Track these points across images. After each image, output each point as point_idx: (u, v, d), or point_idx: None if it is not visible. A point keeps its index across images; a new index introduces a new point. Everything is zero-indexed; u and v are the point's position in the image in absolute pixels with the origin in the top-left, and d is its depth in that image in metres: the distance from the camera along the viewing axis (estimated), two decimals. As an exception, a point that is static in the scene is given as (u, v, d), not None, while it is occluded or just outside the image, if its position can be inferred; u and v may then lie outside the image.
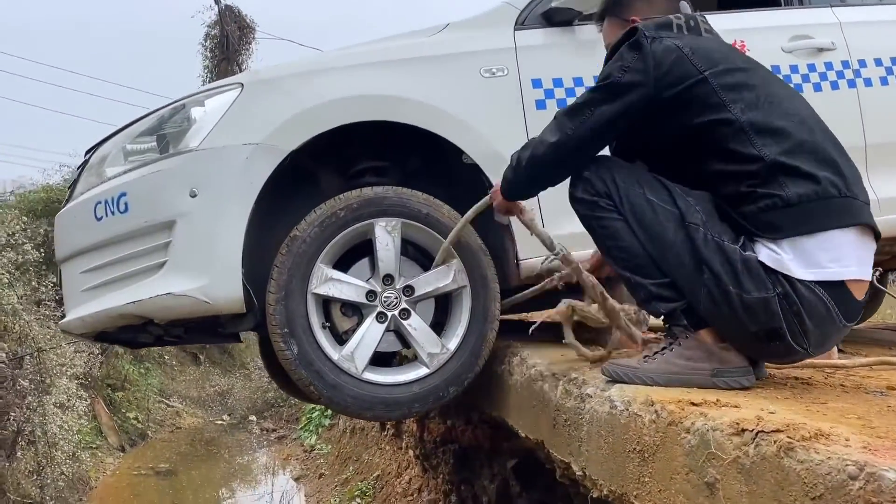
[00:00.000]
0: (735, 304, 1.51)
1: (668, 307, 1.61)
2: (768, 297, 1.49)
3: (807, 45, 2.62)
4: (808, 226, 1.51)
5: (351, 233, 2.22)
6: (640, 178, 1.67)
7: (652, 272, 1.62)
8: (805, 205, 1.51)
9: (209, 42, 16.08)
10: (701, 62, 1.61)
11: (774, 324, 1.50)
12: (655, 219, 1.60)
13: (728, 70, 1.63)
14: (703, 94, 1.60)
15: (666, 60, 1.61)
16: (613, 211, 1.65)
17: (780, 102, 1.64)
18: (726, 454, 1.18)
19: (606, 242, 1.69)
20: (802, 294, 1.49)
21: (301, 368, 2.14)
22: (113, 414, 8.55)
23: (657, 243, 1.60)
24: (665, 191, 1.64)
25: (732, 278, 1.51)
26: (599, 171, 1.69)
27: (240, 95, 2.21)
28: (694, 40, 1.69)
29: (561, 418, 1.86)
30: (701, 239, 1.55)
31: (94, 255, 2.23)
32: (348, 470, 6.32)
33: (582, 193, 1.71)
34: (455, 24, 2.53)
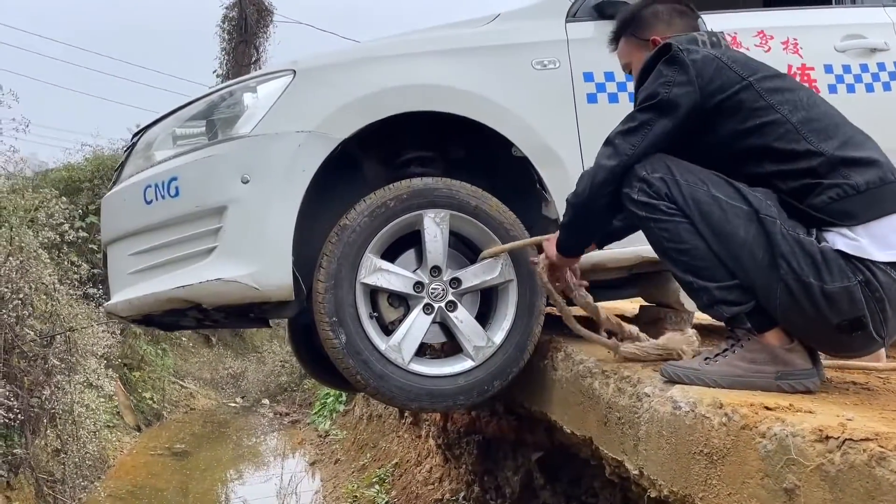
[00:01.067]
0: (817, 296, 1.49)
1: (732, 311, 1.58)
2: (850, 286, 1.48)
3: (860, 45, 2.60)
4: (877, 210, 1.52)
5: (400, 223, 2.21)
6: (701, 175, 1.63)
7: (718, 274, 1.58)
8: (873, 190, 1.53)
9: (227, 24, 16.06)
10: (741, 69, 1.65)
11: (858, 312, 1.49)
12: (724, 217, 1.56)
13: (767, 76, 1.66)
14: (750, 98, 1.63)
15: (707, 69, 1.65)
16: (676, 213, 1.60)
17: (817, 104, 1.67)
18: (809, 461, 1.17)
19: (666, 245, 1.63)
20: (882, 280, 1.49)
21: (349, 358, 2.14)
22: (129, 394, 8.61)
23: (727, 242, 1.56)
24: (730, 187, 1.60)
25: (813, 270, 1.49)
26: (657, 169, 1.64)
27: (292, 82, 2.20)
28: (725, 51, 1.73)
29: (613, 416, 1.85)
30: (777, 233, 1.52)
31: (142, 238, 2.24)
32: (365, 456, 6.33)
33: (640, 195, 1.65)
34: (506, 14, 2.51)
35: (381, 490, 5.24)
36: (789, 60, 2.51)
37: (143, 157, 2.37)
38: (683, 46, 1.69)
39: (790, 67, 2.50)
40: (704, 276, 1.60)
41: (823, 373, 1.71)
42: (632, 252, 2.31)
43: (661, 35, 1.85)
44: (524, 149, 2.29)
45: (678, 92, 1.65)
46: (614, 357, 2.02)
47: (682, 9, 1.91)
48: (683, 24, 1.87)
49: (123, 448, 7.51)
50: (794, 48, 2.54)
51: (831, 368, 1.97)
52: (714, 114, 1.65)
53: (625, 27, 1.96)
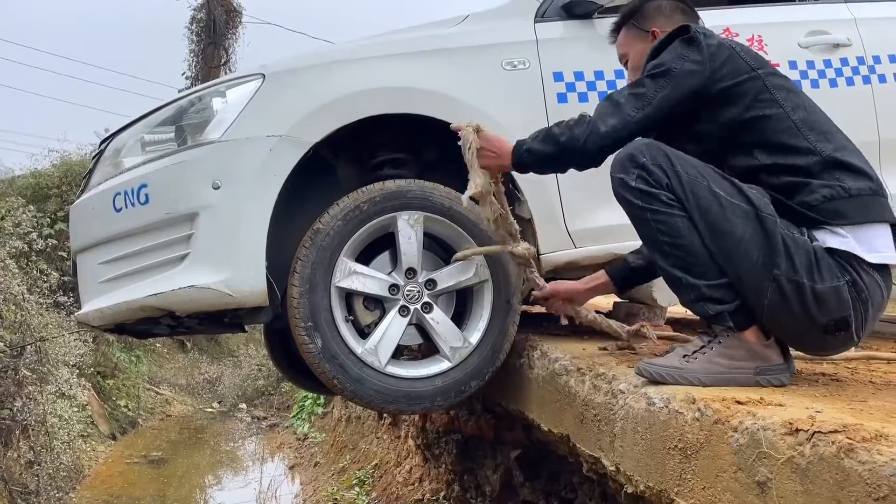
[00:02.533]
0: (807, 296, 1.51)
1: (717, 308, 1.59)
2: (839, 286, 1.52)
3: (823, 41, 2.65)
4: (865, 216, 1.57)
5: (374, 226, 2.21)
6: (700, 168, 1.60)
7: (709, 272, 1.58)
8: (864, 197, 1.58)
9: (195, 26, 15.89)
10: (752, 60, 1.69)
11: (845, 312, 1.52)
12: (723, 214, 1.55)
13: (774, 72, 1.70)
14: (755, 89, 1.65)
15: (720, 55, 1.67)
16: (675, 206, 1.57)
17: (816, 110, 1.71)
18: (780, 454, 1.19)
19: (660, 238, 1.60)
20: (866, 281, 1.53)
21: (325, 362, 2.13)
22: (103, 401, 8.49)
23: (723, 239, 1.56)
24: (728, 183, 1.60)
25: (807, 269, 1.52)
26: (657, 157, 1.60)
27: (262, 86, 2.19)
28: (734, 41, 1.75)
29: (590, 413, 1.87)
30: (777, 232, 1.54)
31: (113, 246, 2.21)
32: (344, 458, 6.32)
33: (638, 183, 1.59)
34: (475, 15, 2.51)
35: (361, 492, 5.23)
36: (755, 57, 2.55)
37: (111, 164, 2.34)
38: (702, 30, 1.73)
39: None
40: (696, 273, 1.59)
41: (794, 366, 1.74)
42: (605, 249, 2.34)
43: (660, 28, 1.88)
44: (496, 149, 2.29)
45: (690, 68, 1.67)
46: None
47: (684, 7, 1.95)
48: (684, 20, 1.89)
49: (98, 457, 7.40)
50: (759, 45, 2.57)
51: (801, 360, 2.01)
52: (718, 99, 1.67)
53: (627, 17, 1.99)
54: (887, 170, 2.61)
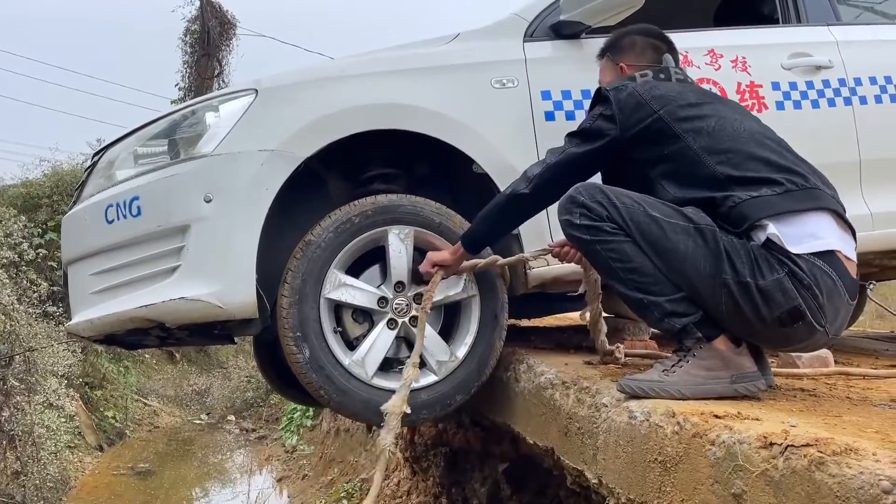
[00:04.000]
0: (755, 295, 1.58)
1: (683, 321, 1.65)
2: (780, 278, 1.58)
3: (805, 63, 2.70)
4: (775, 209, 1.63)
5: (364, 239, 2.24)
6: (635, 197, 1.71)
7: (665, 289, 1.65)
8: (766, 197, 1.65)
9: (189, 37, 15.94)
10: (655, 103, 1.82)
11: (792, 302, 1.57)
12: (664, 234, 1.64)
13: (680, 106, 1.82)
14: (661, 128, 1.79)
15: (628, 105, 1.84)
16: (620, 233, 1.67)
17: (728, 126, 1.80)
18: (754, 466, 1.22)
19: (614, 265, 1.69)
20: (805, 269, 1.58)
21: (312, 372, 2.16)
22: (91, 412, 8.45)
23: (670, 258, 1.64)
24: (664, 205, 1.70)
25: (749, 269, 1.59)
26: (594, 195, 1.72)
27: (254, 101, 2.22)
28: (653, 85, 1.90)
29: (573, 426, 1.89)
30: (718, 239, 1.62)
31: (104, 257, 2.22)
32: (333, 471, 6.31)
33: (581, 220, 1.71)
34: (465, 34, 2.56)
35: (348, 505, 5.23)
36: (738, 78, 2.61)
37: (104, 176, 2.36)
38: (613, 87, 1.90)
39: (739, 85, 2.60)
40: (653, 291, 1.66)
41: (771, 375, 1.78)
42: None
43: (629, 62, 2.08)
44: (485, 165, 2.33)
45: (600, 124, 1.88)
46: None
47: (658, 44, 2.10)
48: (652, 57, 2.07)
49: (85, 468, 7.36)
50: (743, 66, 2.63)
51: (781, 376, 2.05)
52: (635, 142, 1.83)
53: (606, 49, 2.18)
54: (868, 190, 2.68)
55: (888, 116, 2.73)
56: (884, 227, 2.65)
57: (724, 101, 1.97)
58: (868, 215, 2.64)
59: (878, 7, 3.38)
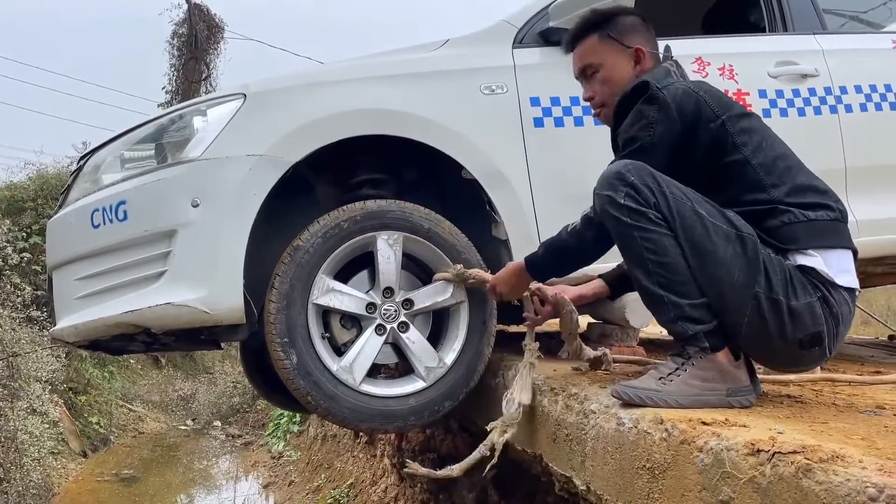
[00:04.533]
0: (783, 313, 1.56)
1: (696, 328, 1.61)
2: (813, 301, 1.57)
3: (792, 71, 2.72)
4: (824, 240, 1.63)
5: (353, 244, 2.23)
6: (684, 190, 1.64)
7: (690, 291, 1.60)
8: (820, 223, 1.65)
9: (176, 40, 15.86)
10: (717, 106, 1.72)
11: (818, 328, 1.58)
12: (706, 234, 1.59)
13: (738, 115, 1.75)
14: (721, 136, 1.71)
15: (687, 103, 1.71)
16: (663, 224, 1.59)
17: (777, 145, 1.77)
18: (742, 474, 1.23)
19: (646, 256, 1.60)
20: (836, 298, 1.59)
21: (299, 378, 2.14)
22: (75, 418, 8.36)
23: (705, 260, 1.59)
24: (710, 205, 1.64)
25: (783, 287, 1.57)
26: (644, 178, 1.62)
27: (243, 105, 2.22)
28: (701, 83, 1.81)
29: (562, 433, 1.89)
30: (758, 251, 1.59)
31: (89, 262, 2.21)
32: (320, 477, 6.28)
33: (626, 200, 1.61)
34: (454, 40, 2.56)
35: (335, 511, 5.20)
36: (725, 86, 2.62)
37: (90, 180, 2.34)
38: (661, 84, 1.74)
39: (726, 92, 2.58)
40: (678, 291, 1.61)
41: (760, 387, 1.79)
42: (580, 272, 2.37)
43: (645, 47, 1.90)
44: (474, 171, 2.34)
45: (661, 130, 1.71)
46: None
47: (650, 27, 1.97)
48: (654, 43, 1.94)
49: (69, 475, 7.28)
50: (731, 74, 2.65)
51: (768, 382, 2.06)
52: (691, 144, 1.72)
53: (598, 25, 1.95)
54: (853, 196, 2.70)
55: (873, 124, 2.77)
56: (868, 235, 2.67)
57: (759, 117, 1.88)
58: (854, 222, 2.65)
59: (864, 16, 3.42)
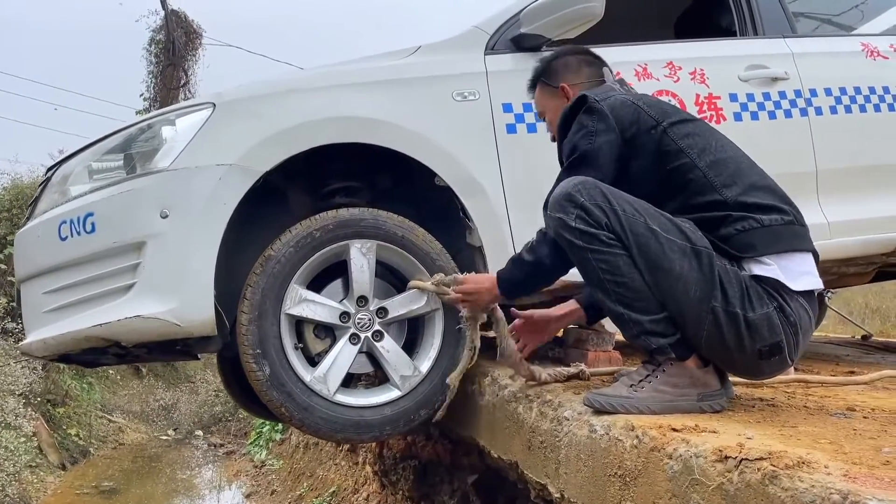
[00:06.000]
0: (741, 325, 1.57)
1: (660, 342, 1.61)
2: (770, 312, 1.57)
3: (762, 75, 2.74)
4: (780, 245, 1.63)
5: (326, 253, 2.22)
6: (636, 205, 1.63)
7: (650, 307, 1.61)
8: (776, 227, 1.64)
9: (154, 47, 15.74)
10: (656, 114, 1.75)
11: (777, 338, 1.58)
12: (661, 251, 1.58)
13: (679, 121, 1.76)
14: (664, 142, 1.73)
15: (624, 113, 1.75)
16: (616, 244, 1.59)
17: (725, 148, 1.77)
18: (710, 480, 1.23)
19: (603, 276, 1.61)
20: (793, 306, 1.59)
21: (272, 390, 2.13)
22: (53, 430, 8.24)
23: (661, 276, 1.58)
24: (664, 218, 1.63)
25: (739, 299, 1.57)
26: (595, 197, 1.62)
27: (212, 115, 2.20)
28: (640, 95, 1.84)
29: (536, 440, 1.89)
30: (714, 265, 1.59)
31: (57, 275, 2.17)
32: (302, 486, 6.23)
33: (577, 223, 1.61)
34: (426, 46, 2.56)
35: (318, 520, 5.16)
36: (697, 90, 2.64)
37: (58, 191, 2.31)
38: (600, 97, 1.78)
39: (698, 96, 2.63)
40: (637, 308, 1.61)
41: (731, 388, 1.79)
42: None
43: (569, 82, 2.00)
44: (447, 178, 2.33)
45: (601, 141, 1.74)
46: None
47: (591, 59, 2.05)
48: (590, 72, 2.02)
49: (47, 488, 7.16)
50: (702, 78, 2.66)
51: (740, 385, 2.07)
52: (633, 152, 1.75)
53: (538, 76, 2.09)
54: (824, 199, 2.73)
55: (843, 127, 2.79)
56: (840, 236, 2.69)
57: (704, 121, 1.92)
58: (825, 224, 2.69)
59: (836, 19, 3.46)
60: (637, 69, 2.60)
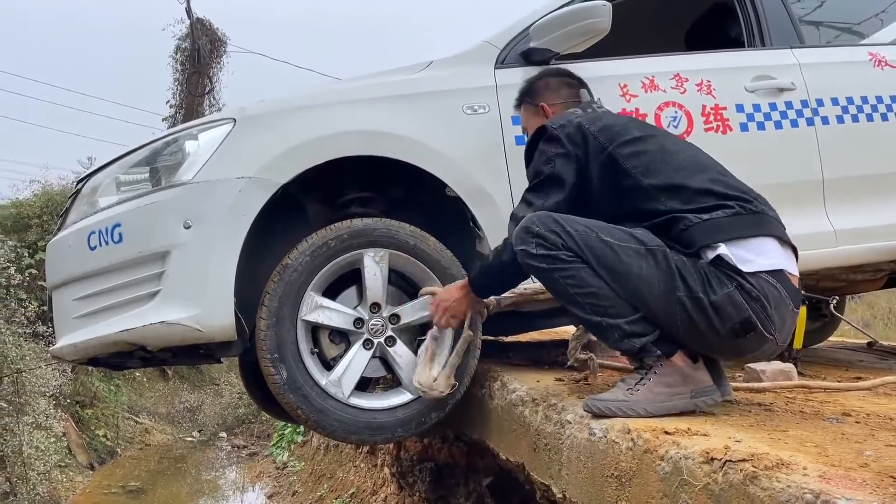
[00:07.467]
0: (707, 309, 1.66)
1: (642, 341, 1.71)
2: (730, 292, 1.66)
3: (768, 85, 2.78)
4: (727, 234, 1.71)
5: (341, 262, 2.31)
6: (587, 224, 1.77)
7: (623, 311, 1.71)
8: (717, 220, 1.73)
9: (179, 55, 16.03)
10: (603, 136, 1.90)
11: (744, 314, 1.66)
12: (617, 257, 1.71)
13: (626, 142, 1.89)
14: (611, 166, 1.87)
15: (577, 137, 1.91)
16: (576, 260, 1.72)
17: (672, 159, 1.88)
18: (697, 481, 1.29)
19: (573, 291, 1.73)
20: (753, 282, 1.67)
21: (289, 393, 2.22)
22: (82, 431, 8.45)
23: (625, 280, 1.70)
24: (615, 229, 1.76)
25: (701, 285, 1.66)
26: (548, 224, 1.76)
27: (232, 130, 2.29)
28: (594, 119, 1.97)
29: (541, 442, 1.96)
30: (669, 257, 1.69)
31: (87, 283, 2.28)
32: (322, 487, 6.34)
33: (538, 249, 1.75)
34: (438, 61, 2.64)
35: (337, 521, 5.26)
36: (703, 101, 2.69)
37: (87, 203, 2.42)
38: (556, 125, 1.95)
39: (704, 107, 2.68)
40: (612, 314, 1.72)
41: (728, 387, 1.85)
42: None
43: (548, 101, 2.19)
44: (457, 189, 2.41)
45: (560, 164, 1.91)
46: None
47: (570, 81, 2.23)
48: (569, 93, 2.20)
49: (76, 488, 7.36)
50: (708, 89, 2.71)
51: (743, 390, 2.12)
52: (588, 176, 1.91)
53: (522, 96, 2.29)
54: (831, 207, 2.76)
55: (850, 136, 2.82)
56: (847, 244, 2.73)
57: (663, 132, 2.06)
58: (832, 232, 2.73)
59: (856, 28, 3.48)
60: (644, 81, 2.66)
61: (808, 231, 2.63)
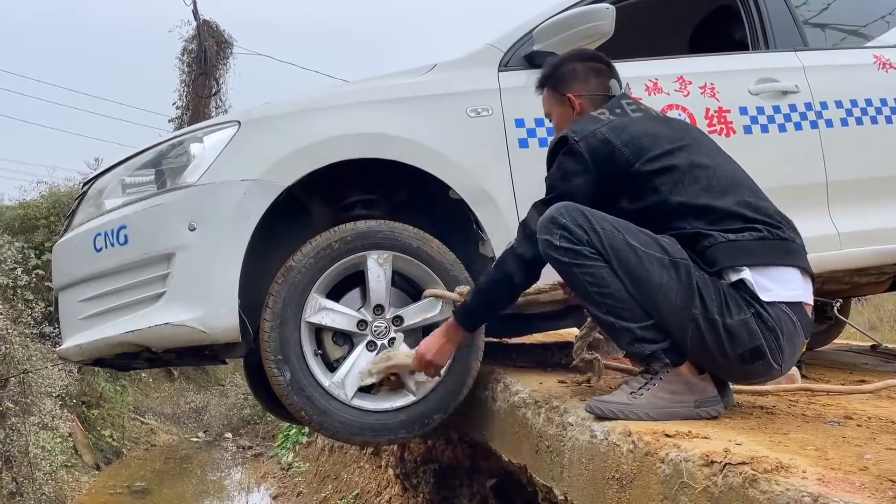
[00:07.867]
0: (720, 331, 1.64)
1: (652, 348, 1.70)
2: (746, 318, 1.64)
3: (772, 88, 2.78)
4: (753, 259, 1.69)
5: (344, 264, 2.32)
6: (615, 223, 1.74)
7: (637, 315, 1.69)
8: (743, 242, 1.71)
9: (186, 56, 16.10)
10: (629, 151, 1.83)
11: (756, 342, 1.65)
12: (640, 263, 1.68)
13: (655, 157, 1.82)
14: (637, 182, 1.82)
15: (601, 152, 1.84)
16: (598, 258, 1.70)
17: (703, 176, 1.82)
18: (697, 484, 1.30)
19: (591, 289, 1.71)
20: (771, 312, 1.65)
21: (293, 394, 2.23)
22: (88, 432, 8.49)
23: (643, 286, 1.68)
24: (643, 234, 1.73)
25: (718, 306, 1.65)
26: (576, 218, 1.73)
27: (237, 133, 2.31)
28: (622, 128, 1.88)
29: (543, 444, 1.97)
30: (691, 274, 1.67)
31: (92, 284, 2.30)
32: (327, 488, 6.36)
33: (562, 241, 1.72)
34: (442, 64, 2.65)
35: (342, 522, 5.27)
36: (707, 104, 2.70)
37: (93, 204, 2.44)
38: (578, 137, 1.87)
39: (707, 110, 2.69)
40: (626, 317, 1.70)
41: (733, 397, 1.86)
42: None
43: (575, 92, 2.06)
44: (461, 191, 2.41)
45: (576, 182, 1.86)
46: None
47: (600, 68, 2.09)
48: (598, 83, 2.07)
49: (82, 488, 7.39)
50: (712, 92, 2.72)
51: (745, 393, 2.12)
52: (609, 190, 1.85)
53: (546, 79, 2.16)
54: (835, 210, 2.76)
55: (853, 139, 2.82)
56: (851, 246, 2.73)
57: (697, 140, 1.94)
58: (836, 235, 2.73)
59: (862, 30, 3.48)
60: (647, 84, 2.67)
61: (812, 234, 2.62)
